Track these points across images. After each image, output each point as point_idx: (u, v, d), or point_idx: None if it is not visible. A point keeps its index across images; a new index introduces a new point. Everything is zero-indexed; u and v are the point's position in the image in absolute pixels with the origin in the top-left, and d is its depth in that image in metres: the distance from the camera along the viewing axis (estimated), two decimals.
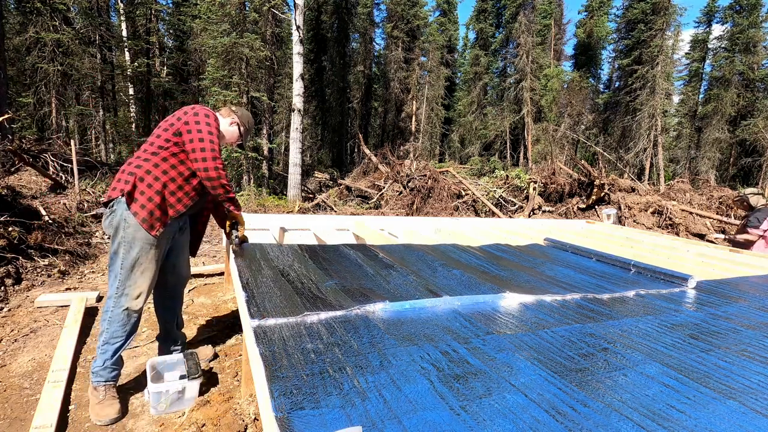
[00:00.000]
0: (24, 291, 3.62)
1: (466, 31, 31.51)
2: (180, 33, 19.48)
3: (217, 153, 2.12)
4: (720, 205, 9.85)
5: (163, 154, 2.09)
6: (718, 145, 22.06)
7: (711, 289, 2.74)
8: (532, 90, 22.32)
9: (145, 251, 2.07)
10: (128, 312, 2.08)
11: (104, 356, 2.07)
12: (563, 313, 2.07)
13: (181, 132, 2.10)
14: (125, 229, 2.02)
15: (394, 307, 1.93)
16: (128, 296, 2.07)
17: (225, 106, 2.53)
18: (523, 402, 1.25)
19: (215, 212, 2.60)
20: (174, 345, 2.50)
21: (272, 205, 10.10)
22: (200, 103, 18.70)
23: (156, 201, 2.05)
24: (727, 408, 1.32)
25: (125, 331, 2.09)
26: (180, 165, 2.12)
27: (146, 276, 2.10)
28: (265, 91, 13.20)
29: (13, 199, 4.67)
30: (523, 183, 11.74)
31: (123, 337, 2.09)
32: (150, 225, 2.04)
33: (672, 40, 21.27)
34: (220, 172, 2.13)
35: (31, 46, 12.46)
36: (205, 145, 2.08)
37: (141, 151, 2.14)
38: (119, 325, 2.07)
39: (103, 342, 2.07)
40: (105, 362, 2.07)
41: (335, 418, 1.10)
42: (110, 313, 2.07)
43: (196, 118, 2.12)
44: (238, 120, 2.43)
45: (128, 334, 2.11)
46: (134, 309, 2.09)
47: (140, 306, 2.12)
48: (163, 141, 2.10)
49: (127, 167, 2.09)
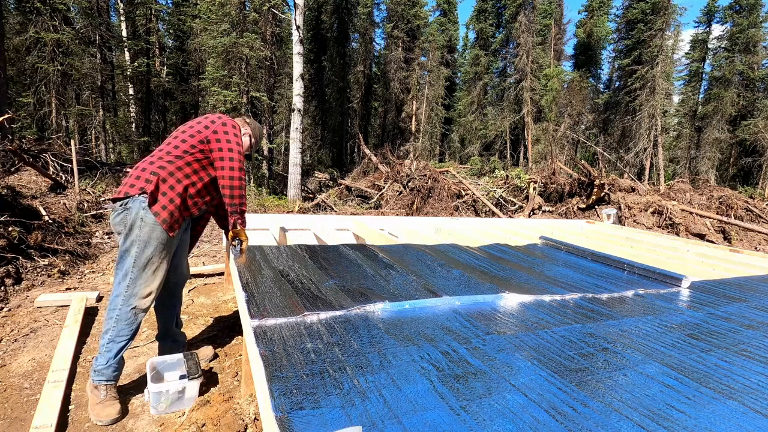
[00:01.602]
0: (24, 291, 3.62)
1: (466, 31, 31.52)
2: (180, 33, 19.46)
3: (242, 164, 2.25)
4: (720, 205, 9.84)
5: (188, 159, 2.16)
6: (718, 145, 22.05)
7: (711, 289, 2.74)
8: (532, 90, 22.31)
9: (159, 251, 2.09)
10: (136, 311, 2.08)
11: (108, 354, 2.05)
12: (563, 312, 2.07)
13: (210, 140, 2.21)
14: (141, 228, 2.03)
15: (394, 307, 1.93)
16: (137, 295, 2.07)
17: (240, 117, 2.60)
18: (523, 402, 1.25)
19: (215, 213, 2.61)
20: (173, 344, 2.50)
21: (272, 205, 10.11)
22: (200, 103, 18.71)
23: (177, 203, 2.10)
24: (727, 408, 1.32)
25: (131, 330, 2.10)
26: (201, 171, 2.21)
27: (158, 276, 2.12)
28: (265, 91, 13.20)
29: (13, 199, 4.67)
30: (523, 183, 11.74)
31: (128, 336, 2.09)
32: (170, 226, 2.08)
33: (672, 40, 21.26)
34: (243, 183, 2.27)
35: (31, 46, 12.45)
36: (234, 155, 2.21)
37: (162, 152, 2.16)
38: (126, 323, 2.07)
39: (108, 340, 2.05)
40: (108, 360, 2.05)
41: (335, 418, 1.10)
42: (118, 312, 2.05)
43: (225, 128, 2.23)
44: (251, 131, 2.53)
45: (133, 334, 2.12)
46: (142, 308, 2.10)
47: (148, 305, 2.13)
48: (189, 146, 2.18)
49: (149, 167, 2.11)
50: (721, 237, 8.83)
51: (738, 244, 8.48)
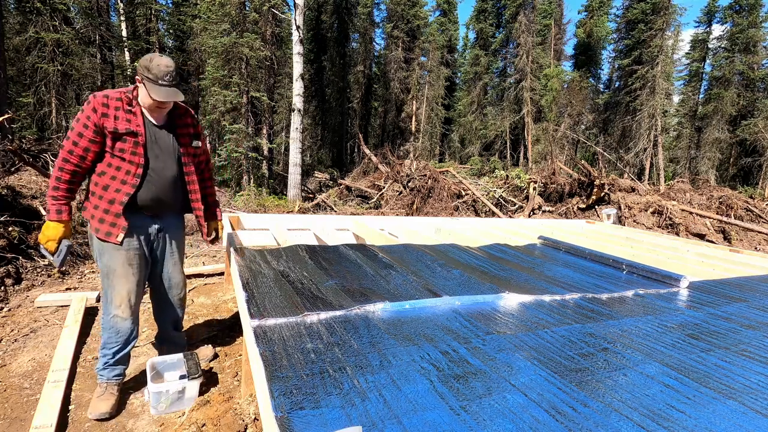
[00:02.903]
0: (24, 291, 3.62)
1: (466, 31, 31.50)
2: (180, 33, 19.46)
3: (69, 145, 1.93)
4: (720, 205, 9.84)
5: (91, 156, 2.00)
6: (718, 145, 22.04)
7: (711, 289, 2.74)
8: (532, 90, 22.31)
9: (116, 259, 2.03)
10: (116, 319, 2.08)
11: (104, 359, 2.11)
12: (563, 312, 2.07)
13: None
14: (92, 239, 2.07)
15: (394, 307, 1.93)
16: (112, 303, 2.07)
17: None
18: (523, 402, 1.25)
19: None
20: (171, 347, 2.47)
21: (272, 205, 10.11)
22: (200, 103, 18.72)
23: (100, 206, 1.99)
24: (727, 408, 1.32)
25: (119, 336, 2.09)
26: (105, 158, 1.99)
27: (123, 284, 2.05)
28: (265, 91, 13.19)
29: (13, 199, 4.67)
30: (523, 183, 11.74)
31: (119, 343, 2.10)
32: (105, 233, 2.00)
33: (672, 40, 21.25)
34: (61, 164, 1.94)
35: (31, 46, 12.45)
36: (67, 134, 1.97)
37: None
38: (112, 332, 2.09)
39: (101, 346, 2.12)
40: (105, 364, 2.11)
41: (335, 418, 1.10)
42: (103, 320, 2.12)
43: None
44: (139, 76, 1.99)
45: (125, 339, 2.11)
46: (120, 315, 2.07)
47: (126, 313, 2.08)
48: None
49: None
50: (721, 237, 8.83)
51: (738, 244, 8.47)
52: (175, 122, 2.17)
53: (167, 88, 1.94)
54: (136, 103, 2.01)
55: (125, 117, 1.97)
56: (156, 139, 2.07)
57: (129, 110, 1.99)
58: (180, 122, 2.19)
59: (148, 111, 2.04)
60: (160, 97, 1.93)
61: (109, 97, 1.96)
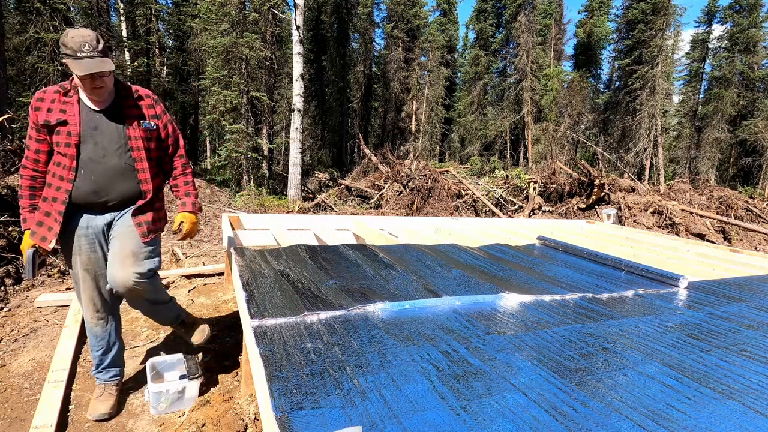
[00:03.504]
0: (24, 291, 3.62)
1: (466, 31, 31.51)
2: (180, 33, 19.46)
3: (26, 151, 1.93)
4: (720, 205, 9.85)
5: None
6: (718, 145, 22.05)
7: (710, 289, 2.74)
8: (532, 90, 22.31)
9: (75, 264, 1.99)
10: (89, 324, 2.07)
11: (96, 361, 2.13)
12: (563, 312, 2.07)
13: None
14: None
15: (394, 307, 1.93)
16: (84, 309, 2.07)
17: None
18: (523, 402, 1.25)
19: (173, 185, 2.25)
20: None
21: (272, 205, 10.11)
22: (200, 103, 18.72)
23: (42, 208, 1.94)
24: (727, 408, 1.32)
25: (99, 340, 2.08)
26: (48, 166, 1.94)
27: (83, 289, 2.02)
28: (265, 91, 13.19)
29: (13, 199, 4.67)
30: (523, 183, 11.74)
31: (101, 347, 2.08)
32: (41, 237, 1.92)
33: (672, 40, 21.25)
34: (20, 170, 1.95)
35: (31, 46, 12.45)
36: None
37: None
38: (91, 336, 2.09)
39: (91, 350, 2.14)
40: (99, 366, 2.12)
41: (335, 418, 1.10)
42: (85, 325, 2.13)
43: None
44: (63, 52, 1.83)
45: (106, 343, 2.08)
46: (89, 318, 2.05)
47: (94, 319, 2.04)
48: None
49: None
50: (721, 237, 8.83)
51: (738, 244, 8.48)
52: (121, 103, 1.96)
53: (89, 60, 1.75)
54: (73, 92, 1.88)
55: (60, 108, 1.85)
56: (96, 125, 1.89)
57: (65, 101, 1.86)
58: (126, 103, 1.97)
59: (87, 95, 1.88)
60: (81, 71, 1.74)
61: (47, 91, 1.88)
